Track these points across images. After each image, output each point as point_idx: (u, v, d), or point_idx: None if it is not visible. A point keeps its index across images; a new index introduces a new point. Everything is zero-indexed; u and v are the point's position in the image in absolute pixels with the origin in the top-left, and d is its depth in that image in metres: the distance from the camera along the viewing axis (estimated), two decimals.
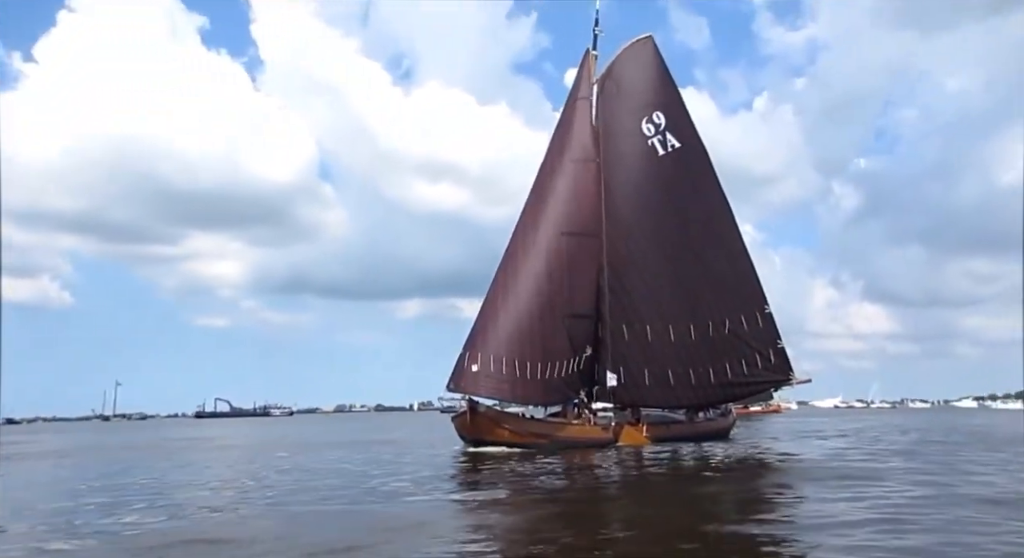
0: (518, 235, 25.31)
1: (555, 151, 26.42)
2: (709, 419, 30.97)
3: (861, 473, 15.49)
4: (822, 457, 20.50)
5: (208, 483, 15.77)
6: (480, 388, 23.36)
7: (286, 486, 14.35)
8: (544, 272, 24.97)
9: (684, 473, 17.26)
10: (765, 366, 28.53)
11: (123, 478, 16.93)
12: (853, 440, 28.78)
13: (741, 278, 28.57)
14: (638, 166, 27.83)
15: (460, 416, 23.69)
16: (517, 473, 16.78)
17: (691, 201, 28.07)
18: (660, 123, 28.01)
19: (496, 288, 24.53)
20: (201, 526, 9.87)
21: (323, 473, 16.99)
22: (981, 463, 17.98)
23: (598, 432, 25.71)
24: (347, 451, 25.64)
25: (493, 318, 24.16)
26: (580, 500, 12.93)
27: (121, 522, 10.13)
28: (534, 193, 25.85)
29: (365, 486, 14.10)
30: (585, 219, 26.21)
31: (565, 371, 24.79)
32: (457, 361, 23.75)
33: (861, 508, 10.58)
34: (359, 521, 10.39)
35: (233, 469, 19.56)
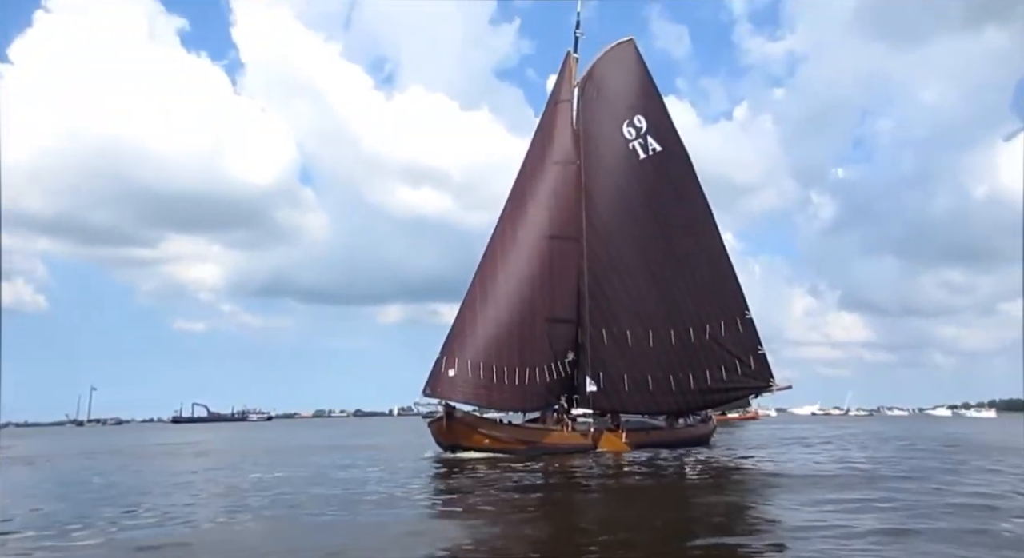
0: (497, 238, 24.91)
1: (535, 154, 26.09)
2: (689, 425, 30.77)
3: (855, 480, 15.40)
4: (808, 465, 20.30)
5: (190, 489, 15.25)
6: (457, 393, 22.92)
7: (270, 493, 13.90)
8: (525, 276, 24.61)
9: (664, 480, 16.97)
10: (745, 372, 28.36)
11: (101, 485, 16.38)
12: (837, 447, 28.70)
13: (722, 283, 28.40)
14: (619, 169, 27.59)
15: (437, 421, 23.25)
16: (491, 480, 16.42)
17: (672, 205, 27.87)
18: (641, 126, 27.81)
19: (474, 292, 24.09)
20: (182, 533, 9.50)
21: (305, 480, 16.57)
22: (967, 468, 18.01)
23: (577, 438, 25.39)
24: (327, 456, 25.28)
25: (471, 322, 23.72)
26: (557, 506, 12.64)
27: (93, 532, 9.69)
28: (514, 196, 25.49)
29: (345, 492, 13.74)
30: (566, 222, 25.90)
31: (545, 377, 24.43)
32: (434, 366, 23.28)
33: (851, 515, 10.52)
34: (342, 529, 10.05)
35: (215, 475, 18.96)
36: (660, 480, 16.84)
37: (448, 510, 12.30)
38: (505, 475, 17.24)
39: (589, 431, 25.85)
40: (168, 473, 20.22)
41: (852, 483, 15.41)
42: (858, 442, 32.65)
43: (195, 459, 27.91)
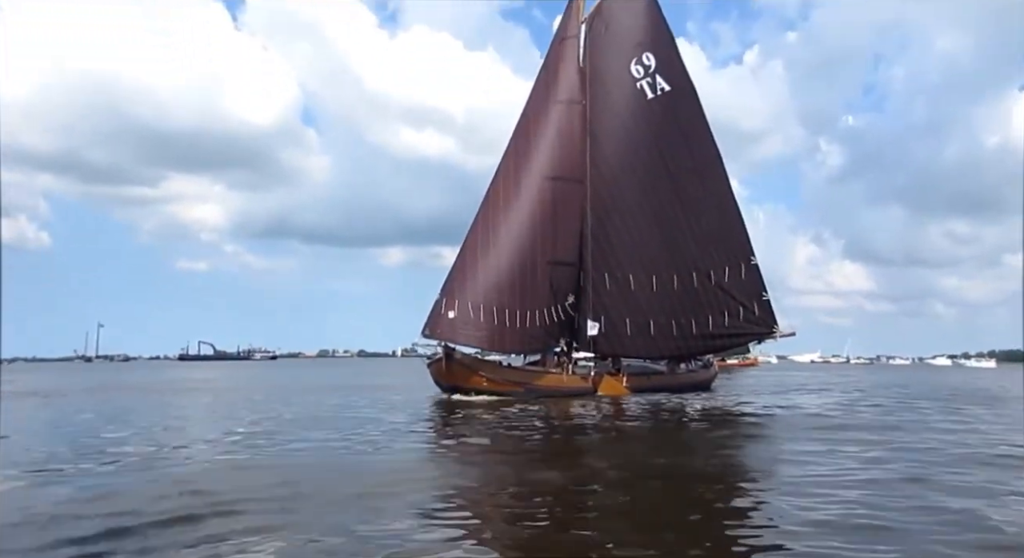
0: (500, 179, 24.40)
1: (540, 93, 25.33)
2: (691, 371, 30.77)
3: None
4: (810, 410, 20.29)
5: (208, 427, 15.36)
6: (458, 336, 22.86)
7: (285, 433, 13.92)
8: (527, 218, 24.20)
9: (665, 422, 17.01)
10: (748, 318, 28.15)
11: (120, 423, 16.42)
12: (838, 394, 28.72)
13: (728, 228, 27.94)
14: (626, 109, 26.81)
15: (436, 363, 23.28)
16: (492, 421, 16.46)
17: (680, 147, 27.18)
18: (650, 65, 26.91)
19: (475, 233, 23.76)
20: (203, 476, 9.38)
21: (305, 420, 16.65)
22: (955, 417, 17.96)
23: (577, 381, 25.41)
24: (329, 396, 25.64)
25: (472, 264, 23.48)
26: (552, 448, 12.64)
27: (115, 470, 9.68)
28: (517, 136, 24.86)
29: (340, 433, 13.73)
30: (570, 163, 25.34)
31: (545, 320, 24.29)
32: (433, 306, 23.16)
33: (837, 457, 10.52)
34: (352, 471, 10.00)
35: (233, 413, 19.05)
36: (659, 424, 16.83)
37: (443, 453, 12.28)
38: (502, 417, 17.25)
39: (589, 375, 25.85)
40: (191, 411, 20.41)
41: (848, 427, 15.43)
42: (859, 389, 32.70)
43: (216, 395, 28.18)
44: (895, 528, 6.58)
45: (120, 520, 6.63)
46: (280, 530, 6.33)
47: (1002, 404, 24.50)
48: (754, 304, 28.18)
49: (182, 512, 6.96)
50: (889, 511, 7.21)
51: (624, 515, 7.36)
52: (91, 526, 6.44)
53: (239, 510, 7.05)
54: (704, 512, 7.57)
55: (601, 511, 7.58)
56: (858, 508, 7.32)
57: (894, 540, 6.20)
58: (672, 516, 7.30)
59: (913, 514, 7.09)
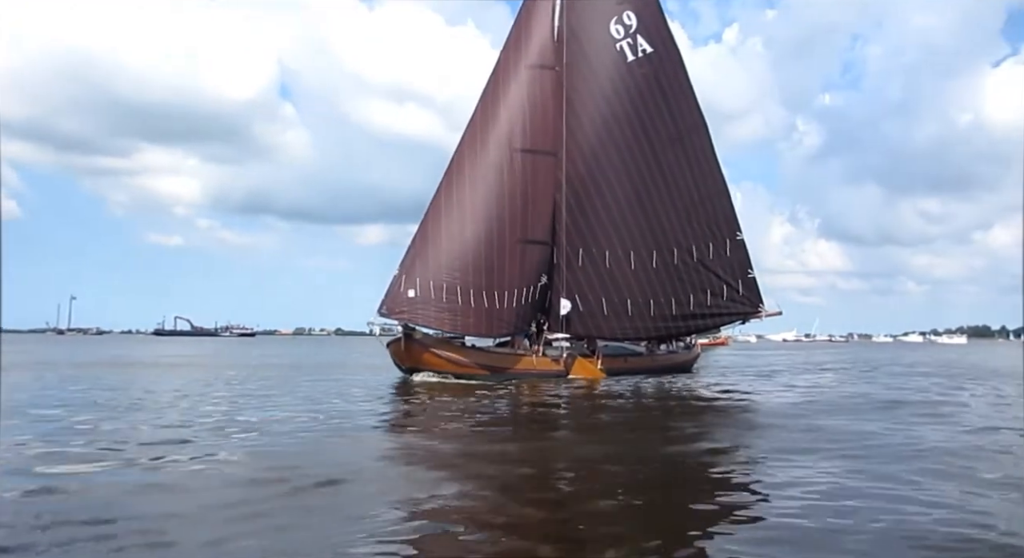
0: (464, 149, 22.57)
1: (509, 56, 23.30)
2: (671, 352, 29.45)
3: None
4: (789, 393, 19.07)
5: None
6: (418, 316, 21.30)
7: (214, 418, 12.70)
8: (494, 192, 22.46)
9: (635, 406, 15.81)
10: (732, 297, 26.74)
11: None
12: (817, 374, 27.42)
13: (712, 202, 26.34)
14: (604, 74, 24.93)
15: (395, 342, 21.85)
16: (439, 406, 15.23)
17: (661, 114, 25.39)
18: (631, 24, 24.96)
19: (438, 207, 22.02)
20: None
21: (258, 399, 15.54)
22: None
23: (547, 363, 24.00)
24: (291, 374, 24.44)
25: (435, 241, 21.80)
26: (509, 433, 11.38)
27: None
28: (483, 103, 22.90)
29: (286, 416, 12.76)
30: (542, 134, 23.51)
31: (513, 302, 22.72)
32: (391, 283, 21.58)
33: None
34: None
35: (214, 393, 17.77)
36: (627, 410, 15.53)
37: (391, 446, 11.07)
38: (460, 401, 15.99)
39: (561, 356, 24.45)
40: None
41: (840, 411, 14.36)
42: (863, 368, 31.46)
43: (203, 372, 27.01)
44: None
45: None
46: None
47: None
48: (739, 282, 26.76)
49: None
50: None
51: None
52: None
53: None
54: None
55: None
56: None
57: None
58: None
59: None
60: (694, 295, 26.34)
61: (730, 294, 26.75)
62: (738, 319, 27.31)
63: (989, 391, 20.41)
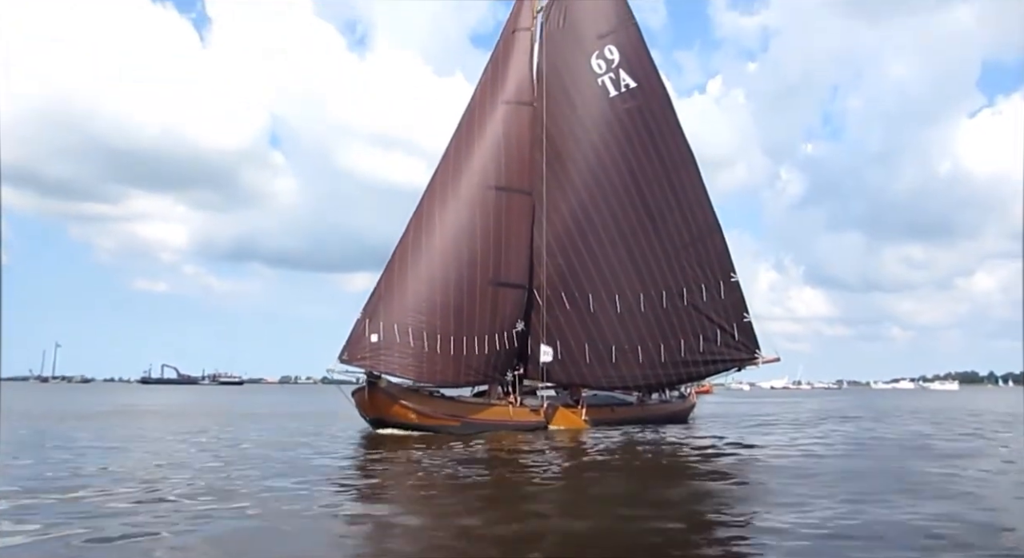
0: (436, 187, 21.47)
1: (485, 91, 22.39)
2: (663, 401, 27.80)
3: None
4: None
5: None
6: (380, 363, 19.92)
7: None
8: (465, 231, 21.27)
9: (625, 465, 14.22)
10: (726, 343, 25.12)
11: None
12: (834, 425, 25.48)
13: (703, 241, 24.95)
14: (585, 109, 23.93)
15: (359, 391, 20.48)
16: (410, 466, 13.74)
17: (647, 150, 24.24)
18: (613, 59, 24.04)
19: (405, 247, 20.84)
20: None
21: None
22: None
23: (525, 414, 22.47)
24: (262, 423, 22.99)
25: (401, 282, 20.56)
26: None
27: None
28: (457, 139, 21.89)
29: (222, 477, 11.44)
30: (518, 171, 22.40)
31: (485, 348, 21.31)
32: (353, 328, 20.29)
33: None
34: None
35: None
36: (614, 468, 13.98)
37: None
38: (421, 459, 14.56)
39: (541, 406, 22.92)
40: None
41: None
42: (866, 418, 29.43)
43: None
44: None
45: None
46: None
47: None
48: (734, 327, 25.17)
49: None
50: None
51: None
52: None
53: None
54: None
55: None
56: None
57: None
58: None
59: None
60: (685, 341, 24.80)
61: (724, 339, 25.16)
62: (734, 366, 25.62)
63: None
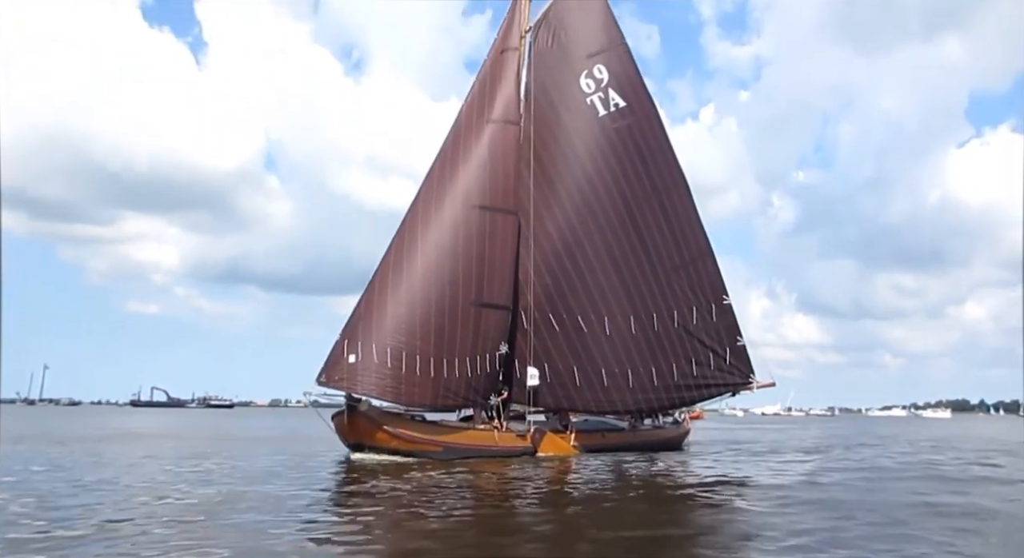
0: (419, 207, 21.09)
1: (471, 111, 22.07)
2: (657, 427, 27.08)
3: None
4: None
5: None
6: (358, 384, 19.39)
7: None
8: (447, 251, 20.86)
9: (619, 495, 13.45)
10: (719, 367, 24.52)
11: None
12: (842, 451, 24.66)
13: (695, 263, 24.46)
14: (574, 129, 23.61)
15: (338, 415, 19.98)
16: (385, 496, 13.04)
17: (637, 171, 23.87)
18: (602, 78, 23.78)
19: (386, 267, 20.44)
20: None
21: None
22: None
23: (511, 440, 21.85)
24: (236, 448, 22.28)
25: (381, 302, 20.12)
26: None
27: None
28: (441, 158, 21.56)
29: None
30: (504, 191, 22.03)
31: (467, 370, 20.80)
32: (332, 349, 19.82)
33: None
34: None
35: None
36: (605, 499, 13.24)
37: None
38: (396, 488, 13.89)
39: (528, 431, 22.31)
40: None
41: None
42: (863, 444, 28.55)
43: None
44: None
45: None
46: None
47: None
48: (727, 350, 24.59)
49: None
50: None
51: None
52: None
53: None
54: None
55: None
56: None
57: None
58: None
59: None
60: (677, 364, 24.20)
61: (717, 363, 24.55)
62: (727, 391, 24.95)
63: None
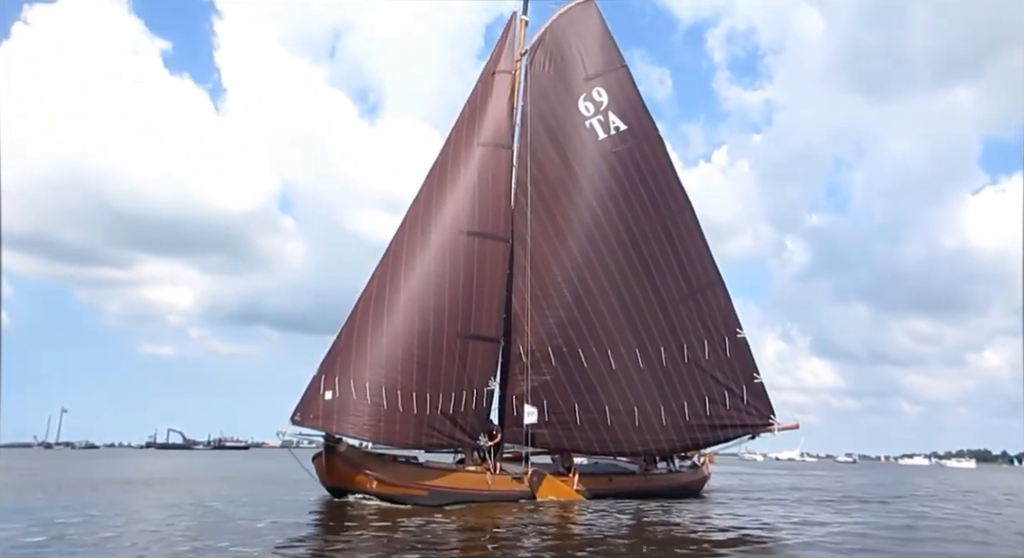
0: (404, 232, 20.03)
1: (460, 134, 21.13)
2: (672, 471, 25.10)
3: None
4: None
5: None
6: (333, 423, 18.10)
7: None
8: (432, 280, 19.67)
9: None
10: (736, 406, 22.67)
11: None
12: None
13: (704, 293, 22.87)
14: (572, 153, 22.45)
15: (318, 457, 18.71)
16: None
17: (640, 196, 22.58)
18: (602, 101, 22.72)
19: (368, 298, 19.31)
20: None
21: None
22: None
23: (506, 483, 20.22)
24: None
25: (361, 335, 18.92)
26: None
27: None
28: (428, 183, 20.56)
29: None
30: (494, 218, 20.89)
31: (451, 407, 19.37)
32: (308, 386, 18.64)
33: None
34: None
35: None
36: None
37: None
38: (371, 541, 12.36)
39: (525, 474, 20.68)
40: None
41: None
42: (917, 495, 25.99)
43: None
44: None
45: None
46: None
47: None
48: (743, 388, 22.78)
49: None
50: None
51: None
52: None
53: None
54: None
55: None
56: None
57: None
58: None
59: None
60: (689, 403, 22.42)
61: (733, 402, 22.69)
62: (746, 433, 22.99)
63: None
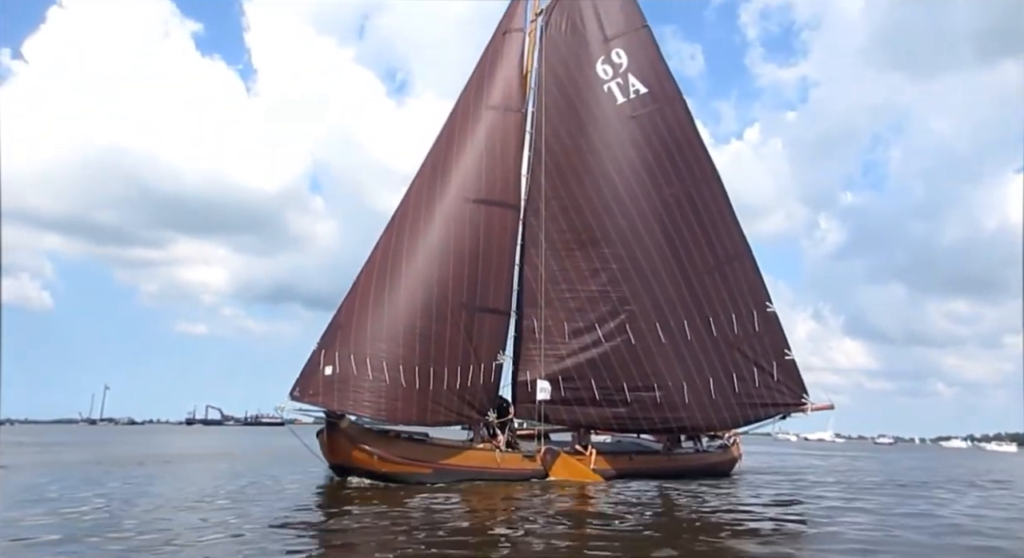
0: (409, 200, 19.28)
1: (468, 97, 20.20)
2: (700, 451, 23.95)
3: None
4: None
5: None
6: (333, 399, 17.58)
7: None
8: (437, 248, 18.88)
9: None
10: (766, 383, 21.37)
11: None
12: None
13: (731, 265, 21.54)
14: (589, 117, 21.27)
15: (320, 434, 18.25)
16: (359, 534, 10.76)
17: (662, 163, 21.28)
18: (621, 63, 21.43)
19: (370, 269, 18.64)
20: None
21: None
22: None
23: (517, 461, 19.46)
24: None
25: (362, 308, 18.29)
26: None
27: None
28: (435, 150, 19.78)
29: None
30: (504, 185, 19.99)
31: (458, 382, 18.66)
32: (308, 361, 18.15)
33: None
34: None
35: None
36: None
37: None
38: (374, 522, 11.67)
39: (537, 452, 19.88)
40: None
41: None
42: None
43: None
44: None
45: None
46: None
47: None
48: (773, 365, 21.44)
49: None
50: None
51: None
52: None
53: None
54: None
55: None
56: None
57: None
58: None
59: None
60: (715, 379, 21.19)
61: (763, 380, 21.38)
62: (777, 413, 21.67)
63: None
